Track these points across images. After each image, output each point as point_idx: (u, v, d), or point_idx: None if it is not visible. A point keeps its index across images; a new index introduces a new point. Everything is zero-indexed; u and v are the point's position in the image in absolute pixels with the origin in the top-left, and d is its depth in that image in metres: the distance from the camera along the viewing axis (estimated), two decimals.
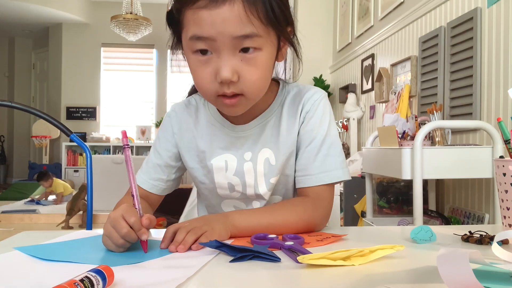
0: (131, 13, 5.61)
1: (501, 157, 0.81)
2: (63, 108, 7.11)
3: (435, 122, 1.73)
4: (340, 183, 0.88)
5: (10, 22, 7.04)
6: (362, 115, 3.50)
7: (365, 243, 0.65)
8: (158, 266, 0.55)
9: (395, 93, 2.71)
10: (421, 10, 2.49)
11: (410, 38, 2.66)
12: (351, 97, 3.54)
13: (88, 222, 1.51)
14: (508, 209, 0.77)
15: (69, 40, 7.11)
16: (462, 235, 0.70)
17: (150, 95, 7.18)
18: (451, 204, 2.15)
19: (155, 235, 0.73)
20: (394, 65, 2.84)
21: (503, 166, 0.76)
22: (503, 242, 0.67)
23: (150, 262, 0.57)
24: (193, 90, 0.94)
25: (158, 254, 0.61)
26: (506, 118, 1.74)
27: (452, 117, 2.13)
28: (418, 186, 1.61)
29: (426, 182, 2.17)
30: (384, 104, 3.04)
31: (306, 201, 0.79)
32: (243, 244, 0.65)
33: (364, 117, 3.50)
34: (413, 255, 0.60)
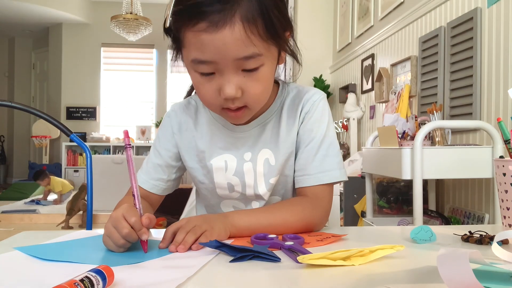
0: (131, 13, 5.61)
1: (501, 157, 0.81)
2: (63, 108, 7.11)
3: (435, 122, 1.73)
4: (339, 183, 0.88)
5: (10, 22, 7.04)
6: (362, 115, 3.50)
7: (365, 243, 0.65)
8: (158, 266, 0.55)
9: (395, 93, 2.71)
10: (421, 10, 2.49)
11: (410, 38, 2.66)
12: (351, 97, 3.54)
13: (88, 222, 1.51)
14: (508, 209, 0.77)
15: (69, 40, 7.11)
16: (462, 235, 0.70)
17: (150, 95, 7.18)
18: (451, 204, 2.15)
19: (155, 235, 0.73)
20: (394, 65, 2.84)
21: (503, 166, 0.76)
22: (503, 242, 0.67)
23: (150, 262, 0.57)
24: (191, 90, 0.94)
25: (158, 254, 0.61)
26: (506, 118, 1.74)
27: (452, 117, 2.13)
28: (418, 186, 1.61)
29: (426, 182, 2.17)
30: (384, 104, 3.04)
31: (305, 200, 0.80)
32: (243, 244, 0.65)
33: (364, 117, 3.50)
34: (413, 255, 0.60)
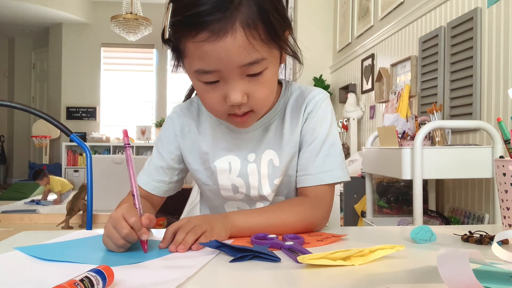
0: (131, 13, 5.61)
1: (501, 157, 0.81)
2: (63, 108, 7.11)
3: (435, 122, 1.73)
4: (340, 184, 0.88)
5: (10, 22, 7.04)
6: (362, 115, 3.50)
7: (365, 243, 0.65)
8: (158, 266, 0.55)
9: (395, 93, 2.71)
10: (421, 10, 2.49)
11: (410, 38, 2.66)
12: (351, 97, 3.54)
13: (88, 222, 1.51)
14: (508, 209, 0.77)
15: (69, 40, 7.11)
16: (462, 235, 0.70)
17: (150, 95, 7.18)
18: (451, 204, 2.15)
19: (155, 235, 0.73)
20: (394, 65, 2.84)
21: (503, 166, 0.76)
22: (503, 242, 0.67)
23: (150, 262, 0.57)
24: (191, 93, 0.93)
25: (158, 254, 0.61)
26: (506, 118, 1.74)
27: (452, 117, 2.13)
28: (418, 186, 1.61)
29: (426, 182, 2.17)
30: (384, 104, 3.04)
31: (306, 201, 0.79)
32: (243, 244, 0.65)
33: (364, 117, 3.50)
34: (413, 255, 0.60)
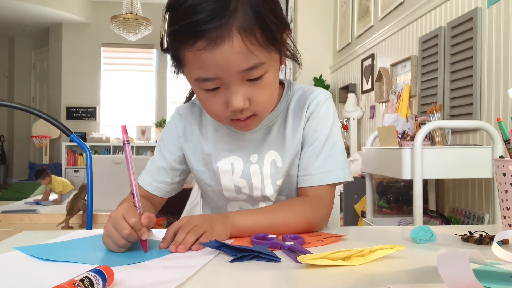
0: (131, 13, 5.61)
1: (501, 157, 0.81)
2: (63, 108, 7.11)
3: (435, 122, 1.73)
4: (342, 184, 0.87)
5: (10, 22, 7.04)
6: (362, 115, 3.50)
7: (365, 243, 0.65)
8: (158, 266, 0.55)
9: (395, 93, 2.71)
10: (421, 10, 2.49)
11: (410, 38, 2.66)
12: (351, 97, 3.54)
13: (88, 222, 1.51)
14: (508, 209, 0.77)
15: (69, 40, 7.11)
16: (462, 235, 0.70)
17: (150, 95, 7.18)
18: (451, 204, 2.15)
19: (155, 235, 0.73)
20: (394, 65, 2.84)
21: (503, 166, 0.76)
22: (503, 242, 0.67)
23: (150, 262, 0.57)
24: (191, 95, 0.93)
25: (158, 254, 0.61)
26: (506, 118, 1.74)
27: (452, 117, 2.13)
28: (418, 186, 1.61)
29: (426, 182, 2.17)
30: (384, 104, 3.04)
31: (306, 201, 0.79)
32: (243, 244, 0.65)
33: (364, 117, 3.50)
34: (413, 255, 0.60)
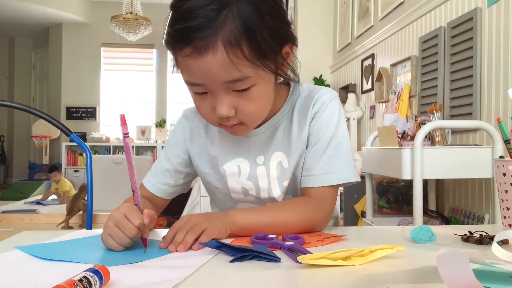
0: (131, 13, 5.61)
1: (501, 157, 0.81)
2: (63, 108, 7.11)
3: (435, 122, 1.73)
4: (346, 185, 0.84)
5: (10, 22, 7.04)
6: (362, 115, 3.50)
7: (365, 243, 0.65)
8: (156, 265, 0.55)
9: (395, 93, 2.71)
10: (421, 10, 2.49)
11: (410, 38, 2.66)
12: (351, 97, 3.54)
13: (88, 222, 1.51)
14: (508, 209, 0.76)
15: (69, 40, 7.11)
16: (462, 235, 0.70)
17: (150, 95, 7.18)
18: (451, 204, 2.15)
19: (156, 235, 0.73)
20: (394, 65, 2.84)
21: (503, 166, 0.76)
22: (503, 242, 0.67)
23: (149, 262, 0.57)
24: None
25: (157, 253, 0.61)
26: (506, 118, 1.74)
27: (452, 117, 2.13)
28: (418, 186, 1.61)
29: (426, 182, 2.17)
30: (384, 104, 3.04)
31: (308, 202, 0.79)
32: (243, 244, 0.65)
33: (364, 117, 3.50)
34: (413, 255, 0.60)
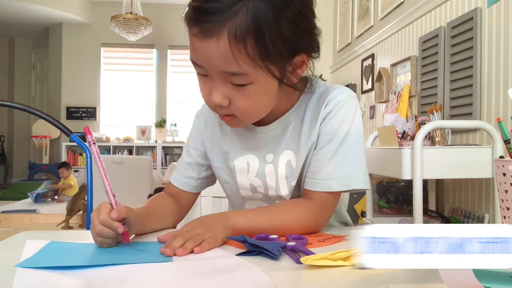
0: (131, 13, 5.60)
1: (501, 157, 0.81)
2: (63, 108, 7.10)
3: (435, 122, 1.73)
4: (352, 191, 0.80)
5: (10, 22, 7.04)
6: (362, 115, 3.50)
7: None
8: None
9: (395, 93, 2.71)
10: (421, 10, 2.49)
11: (410, 38, 2.66)
12: None
13: (88, 222, 1.51)
14: (508, 209, 0.77)
15: (69, 40, 7.11)
16: None
17: (150, 95, 7.17)
18: (451, 204, 2.15)
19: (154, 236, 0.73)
20: (394, 65, 2.84)
21: (503, 166, 0.76)
22: None
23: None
24: None
25: (160, 258, 0.59)
26: (506, 118, 1.74)
27: (452, 117, 2.13)
28: (418, 186, 1.61)
29: (426, 182, 2.17)
30: (384, 104, 3.04)
31: (310, 207, 0.77)
32: (240, 245, 0.65)
33: (364, 117, 3.50)
34: None
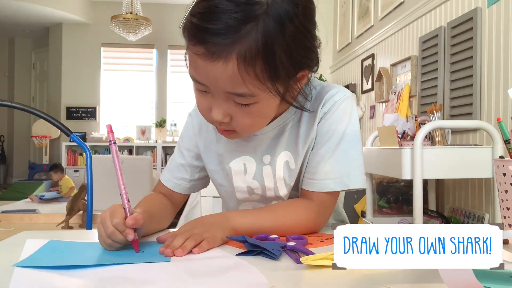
0: (131, 13, 5.60)
1: (501, 157, 0.81)
2: (63, 108, 7.10)
3: (435, 122, 1.73)
4: (350, 191, 0.81)
5: (10, 22, 7.04)
6: (362, 115, 3.50)
7: None
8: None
9: (395, 93, 2.71)
10: (421, 10, 2.49)
11: (410, 38, 2.66)
12: None
13: (88, 222, 1.51)
14: (508, 209, 0.77)
15: (69, 40, 7.11)
16: None
17: (150, 95, 7.17)
18: (451, 204, 2.15)
19: (153, 236, 0.73)
20: (394, 65, 2.84)
21: (503, 166, 0.76)
22: (503, 242, 0.67)
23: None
24: None
25: (159, 258, 0.59)
26: (506, 118, 1.74)
27: (452, 117, 2.13)
28: (418, 186, 1.61)
29: (426, 182, 2.17)
30: (384, 104, 3.04)
31: (310, 207, 0.77)
32: (240, 244, 0.65)
33: (364, 117, 3.50)
34: None
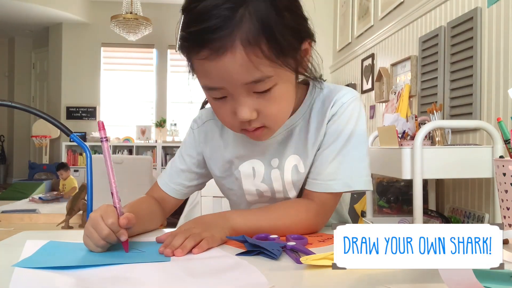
0: (131, 13, 5.60)
1: (501, 157, 0.81)
2: (63, 108, 7.10)
3: (435, 122, 1.73)
4: (354, 192, 0.81)
5: (10, 22, 7.04)
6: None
7: None
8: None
9: (395, 93, 2.71)
10: (421, 10, 2.49)
11: (410, 38, 2.66)
12: None
13: None
14: (508, 209, 0.76)
15: (69, 40, 7.11)
16: None
17: (150, 95, 7.17)
18: (451, 204, 2.15)
19: (152, 236, 0.73)
20: (394, 65, 2.84)
21: (503, 166, 0.76)
22: (503, 242, 0.67)
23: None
24: (206, 101, 0.91)
25: (158, 257, 0.59)
26: (506, 118, 1.74)
27: (452, 117, 2.13)
28: (418, 186, 1.61)
29: (426, 182, 2.17)
30: (384, 104, 3.04)
31: (311, 207, 0.76)
32: (240, 244, 0.65)
33: None
34: None
